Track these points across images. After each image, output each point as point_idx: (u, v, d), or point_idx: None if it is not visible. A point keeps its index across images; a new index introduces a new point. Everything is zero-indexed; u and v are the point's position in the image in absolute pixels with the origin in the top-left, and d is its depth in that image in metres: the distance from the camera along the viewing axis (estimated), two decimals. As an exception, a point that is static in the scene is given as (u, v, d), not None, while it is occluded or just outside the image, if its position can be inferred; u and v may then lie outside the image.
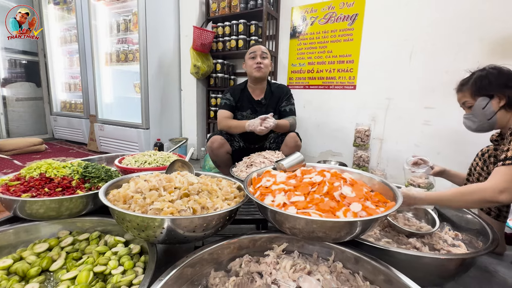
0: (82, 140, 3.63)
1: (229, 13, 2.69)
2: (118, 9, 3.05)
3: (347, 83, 2.43)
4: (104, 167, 1.22)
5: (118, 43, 3.04)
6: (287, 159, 1.18)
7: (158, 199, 0.86)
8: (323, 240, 0.86)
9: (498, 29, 1.79)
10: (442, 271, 0.93)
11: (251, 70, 1.85)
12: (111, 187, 1.00)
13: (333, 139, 2.56)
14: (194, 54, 2.71)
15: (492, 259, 1.18)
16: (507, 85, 1.04)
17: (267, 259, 0.87)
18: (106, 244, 0.98)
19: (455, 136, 1.97)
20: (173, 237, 0.82)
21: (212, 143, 1.77)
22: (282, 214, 0.81)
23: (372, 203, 0.87)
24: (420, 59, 2.08)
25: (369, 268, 0.83)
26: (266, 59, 1.85)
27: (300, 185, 0.96)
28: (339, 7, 2.36)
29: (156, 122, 2.89)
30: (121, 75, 3.20)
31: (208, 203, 0.91)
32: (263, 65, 1.83)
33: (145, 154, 1.52)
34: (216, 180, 1.14)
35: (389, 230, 1.19)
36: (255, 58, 1.83)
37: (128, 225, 0.82)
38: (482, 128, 1.13)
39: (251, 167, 1.47)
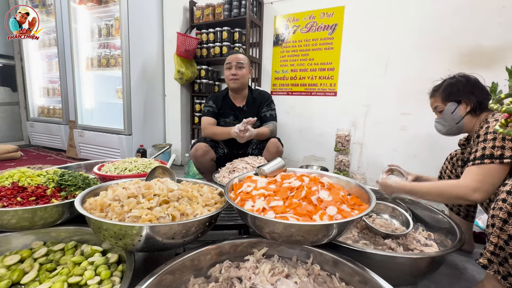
0: (61, 147, 3.50)
1: (213, 20, 2.72)
2: (100, 14, 3.00)
3: (328, 90, 2.50)
4: (82, 174, 1.19)
5: (99, 47, 2.98)
6: (268, 164, 1.20)
7: (136, 207, 0.85)
8: (301, 243, 0.88)
9: (466, 42, 1.92)
10: (415, 270, 0.97)
11: (227, 80, 1.87)
12: (88, 195, 0.98)
13: (316, 144, 2.62)
14: (178, 60, 2.71)
15: (461, 257, 1.25)
16: (473, 92, 1.13)
17: (247, 263, 0.88)
18: (82, 254, 0.95)
19: (429, 140, 2.08)
20: (152, 244, 0.82)
21: (196, 150, 1.75)
22: (261, 219, 0.82)
23: (348, 206, 0.90)
24: (396, 68, 2.18)
25: (346, 269, 0.86)
26: (242, 69, 1.84)
27: (280, 190, 0.98)
28: (320, 17, 2.45)
29: (139, 128, 2.84)
30: (102, 80, 3.13)
31: (188, 209, 0.91)
32: (239, 76, 1.83)
33: (125, 161, 1.50)
34: (198, 186, 1.15)
35: (367, 232, 1.23)
36: (231, 69, 1.83)
37: (105, 234, 0.81)
38: (451, 131, 1.21)
39: (233, 173, 1.48)
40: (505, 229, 0.77)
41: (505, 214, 0.77)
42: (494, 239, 0.80)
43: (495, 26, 1.81)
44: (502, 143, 0.93)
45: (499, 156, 0.92)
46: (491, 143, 0.95)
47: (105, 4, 2.80)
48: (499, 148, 0.93)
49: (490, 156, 0.93)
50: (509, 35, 1.78)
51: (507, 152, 0.91)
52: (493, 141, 0.95)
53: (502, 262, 0.79)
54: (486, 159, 0.94)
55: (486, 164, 0.94)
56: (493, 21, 1.81)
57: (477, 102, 1.11)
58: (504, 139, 0.93)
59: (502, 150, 0.92)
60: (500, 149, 0.93)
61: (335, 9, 2.37)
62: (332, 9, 2.38)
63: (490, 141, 0.95)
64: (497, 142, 0.94)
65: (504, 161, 0.90)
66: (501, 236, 0.78)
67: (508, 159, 0.90)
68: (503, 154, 0.91)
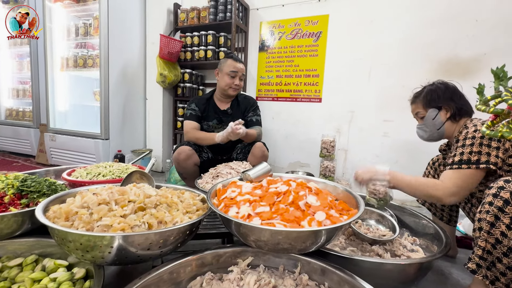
0: (30, 152, 3.25)
1: (198, 24, 2.68)
2: (78, 13, 2.86)
3: (313, 96, 2.52)
4: (48, 180, 1.07)
5: (76, 47, 2.83)
6: (254, 169, 1.15)
7: (107, 214, 0.76)
8: (289, 251, 0.83)
9: (443, 52, 2.00)
10: (404, 276, 0.95)
11: (227, 88, 1.84)
12: (53, 202, 0.88)
13: (301, 150, 2.61)
14: (160, 62, 2.63)
15: (446, 262, 1.25)
16: (452, 98, 1.15)
17: (231, 275, 0.81)
18: (44, 269, 0.84)
19: (410, 146, 2.13)
20: (124, 256, 0.73)
21: (179, 154, 1.67)
22: (246, 226, 0.77)
23: (336, 211, 0.87)
24: (378, 75, 2.24)
25: (335, 278, 0.82)
26: (242, 80, 1.89)
27: (266, 195, 0.93)
28: (305, 24, 2.48)
29: (117, 132, 2.70)
30: (79, 82, 2.96)
31: (167, 217, 0.84)
32: (240, 86, 1.88)
33: (99, 166, 1.39)
34: (178, 192, 1.07)
35: (354, 238, 1.21)
36: (235, 78, 1.83)
37: (70, 246, 0.71)
38: (432, 137, 1.22)
39: (217, 178, 1.41)
40: (492, 233, 0.77)
41: (492, 217, 0.77)
42: (482, 243, 0.79)
43: (470, 38, 1.91)
44: (479, 149, 0.95)
45: (475, 161, 0.94)
46: (469, 149, 0.97)
47: (84, 2, 2.68)
48: (476, 153, 0.95)
49: (467, 161, 0.96)
50: (482, 47, 1.88)
51: (483, 157, 0.94)
52: (471, 146, 0.97)
53: (490, 266, 0.78)
54: (463, 164, 0.96)
55: (463, 169, 0.96)
56: (468, 34, 1.91)
57: (457, 108, 1.14)
58: (481, 144, 0.95)
59: (478, 155, 0.95)
60: (477, 154, 0.95)
61: (319, 17, 2.41)
62: (317, 17, 2.42)
63: (468, 147, 0.98)
64: (474, 148, 0.96)
65: (480, 166, 0.93)
66: (489, 240, 0.77)
67: (483, 164, 0.93)
68: (479, 160, 0.94)
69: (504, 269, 0.76)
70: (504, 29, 1.81)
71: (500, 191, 0.77)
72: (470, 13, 1.90)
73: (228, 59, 1.84)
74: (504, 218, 0.74)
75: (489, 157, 0.93)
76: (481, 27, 1.87)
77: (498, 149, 0.93)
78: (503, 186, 0.77)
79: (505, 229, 0.74)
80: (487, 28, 1.86)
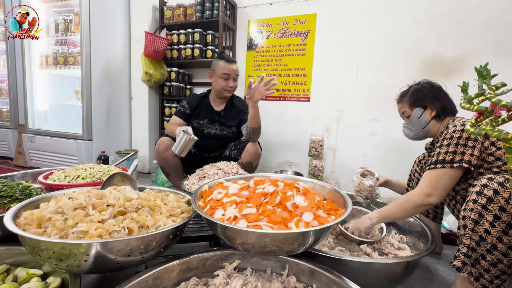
0: (7, 154, 3.09)
1: (185, 21, 2.62)
2: (58, 8, 2.74)
3: (301, 95, 2.51)
4: (21, 184, 1.01)
5: (56, 44, 2.71)
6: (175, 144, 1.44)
7: (84, 220, 0.72)
8: (277, 254, 0.81)
9: (427, 52, 2.04)
10: (391, 275, 0.95)
11: (222, 90, 1.83)
12: (25, 208, 0.82)
13: (290, 149, 2.60)
14: (146, 60, 2.55)
15: (432, 259, 1.26)
16: (437, 98, 1.17)
17: (216, 280, 0.79)
18: (16, 280, 0.79)
19: (397, 145, 2.16)
20: (102, 264, 0.69)
21: (159, 145, 1.73)
22: (232, 229, 0.74)
23: (324, 212, 0.86)
24: (365, 75, 2.26)
25: (323, 279, 0.81)
26: (236, 80, 1.86)
27: (253, 197, 0.91)
28: (293, 23, 2.47)
29: (101, 133, 2.60)
30: (59, 80, 2.84)
31: (149, 221, 0.80)
32: (234, 87, 1.86)
33: (79, 168, 1.32)
34: (163, 194, 1.03)
35: (342, 238, 1.20)
36: (228, 80, 1.81)
37: (43, 255, 0.67)
38: (418, 136, 1.24)
39: (204, 180, 1.38)
40: (476, 230, 0.77)
41: (476, 215, 0.77)
42: (467, 241, 0.80)
43: (452, 38, 1.95)
44: (455, 148, 0.97)
45: (450, 161, 0.97)
46: (445, 149, 0.99)
47: (64, -3, 2.57)
48: (451, 153, 0.97)
49: (442, 161, 0.98)
50: (464, 47, 1.92)
51: (457, 157, 0.96)
52: (447, 146, 0.99)
53: (474, 263, 0.79)
54: (438, 163, 0.99)
55: (438, 169, 0.99)
56: (451, 34, 1.95)
57: (441, 107, 1.15)
58: (457, 144, 0.97)
59: (453, 155, 0.97)
60: (452, 154, 0.97)
61: (307, 16, 2.41)
62: (305, 16, 2.42)
63: (445, 147, 1.00)
64: (450, 148, 0.98)
65: (454, 165, 0.95)
66: (473, 237, 0.78)
67: (457, 163, 0.95)
68: (454, 159, 0.96)
69: (488, 266, 0.76)
70: (484, 29, 1.86)
71: (483, 189, 0.78)
72: (453, 13, 1.94)
73: (220, 61, 1.81)
74: (487, 216, 0.75)
75: (463, 156, 0.95)
76: (463, 27, 1.91)
77: (474, 148, 0.95)
78: (486, 184, 0.78)
79: (488, 226, 0.75)
80: (469, 28, 1.90)
